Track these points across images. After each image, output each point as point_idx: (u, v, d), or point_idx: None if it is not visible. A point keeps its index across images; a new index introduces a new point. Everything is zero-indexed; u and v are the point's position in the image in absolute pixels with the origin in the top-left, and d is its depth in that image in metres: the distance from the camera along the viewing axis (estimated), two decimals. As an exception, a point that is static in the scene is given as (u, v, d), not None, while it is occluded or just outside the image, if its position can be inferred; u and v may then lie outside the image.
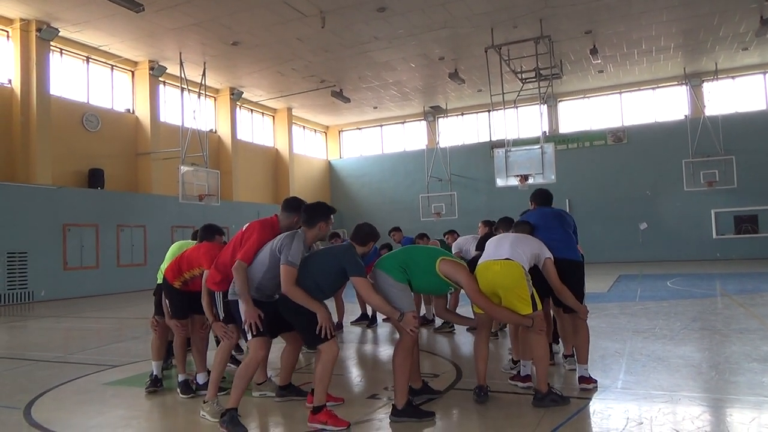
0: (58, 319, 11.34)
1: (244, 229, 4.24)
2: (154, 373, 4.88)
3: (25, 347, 7.95)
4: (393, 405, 3.91)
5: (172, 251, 5.14)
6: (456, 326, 7.53)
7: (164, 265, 5.05)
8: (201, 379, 4.80)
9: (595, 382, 4.48)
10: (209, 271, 4.29)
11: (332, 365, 3.80)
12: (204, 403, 4.10)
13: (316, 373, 3.79)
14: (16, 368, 6.23)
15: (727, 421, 3.76)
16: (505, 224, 5.79)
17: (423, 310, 8.23)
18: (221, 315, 4.23)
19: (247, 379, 3.88)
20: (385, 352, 6.58)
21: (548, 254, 4.39)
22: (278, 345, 4.48)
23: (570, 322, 4.83)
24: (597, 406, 4.05)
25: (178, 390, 4.72)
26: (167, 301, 4.71)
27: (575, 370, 4.76)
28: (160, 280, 5.01)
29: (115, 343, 7.85)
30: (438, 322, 7.81)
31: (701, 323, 7.57)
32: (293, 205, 4.31)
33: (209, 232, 4.92)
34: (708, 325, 7.43)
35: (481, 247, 6.57)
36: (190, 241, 5.29)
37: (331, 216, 4.14)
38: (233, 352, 6.20)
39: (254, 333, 3.85)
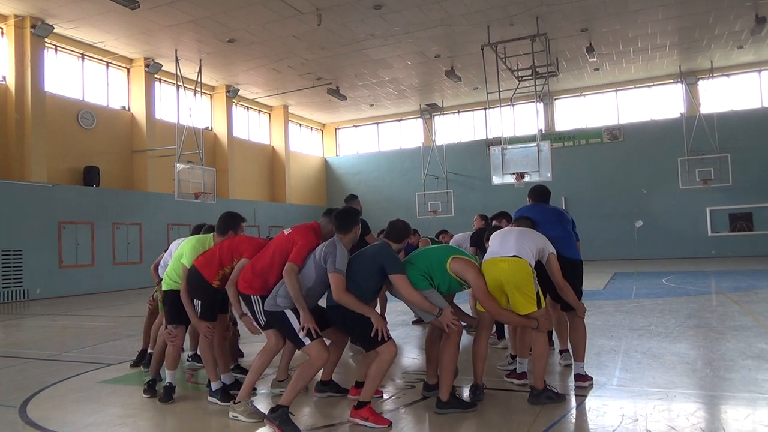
0: (54, 317, 11.31)
1: (286, 233, 4.21)
2: (170, 382, 4.52)
3: (20, 345, 7.92)
4: (438, 398, 4.00)
5: (189, 249, 4.56)
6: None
7: (173, 268, 4.63)
8: (227, 379, 4.60)
9: (591, 379, 4.49)
10: (241, 271, 4.15)
11: (389, 365, 3.83)
12: (235, 403, 4.02)
13: (371, 370, 3.81)
14: (11, 366, 6.21)
15: (722, 417, 3.79)
16: (501, 217, 5.82)
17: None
18: (262, 321, 4.11)
19: (307, 381, 3.86)
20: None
21: (552, 249, 4.40)
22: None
23: (567, 319, 4.83)
24: (593, 403, 4.07)
25: (217, 399, 4.36)
26: (200, 302, 4.33)
27: (571, 365, 4.78)
28: (167, 287, 4.59)
29: (110, 341, 7.84)
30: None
31: (696, 320, 7.61)
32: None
33: (235, 220, 4.61)
34: (703, 322, 7.46)
35: (474, 242, 6.59)
36: (206, 235, 4.76)
37: (359, 218, 4.28)
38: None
39: (312, 338, 3.82)
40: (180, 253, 4.62)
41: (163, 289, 4.68)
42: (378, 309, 5.05)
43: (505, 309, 4.17)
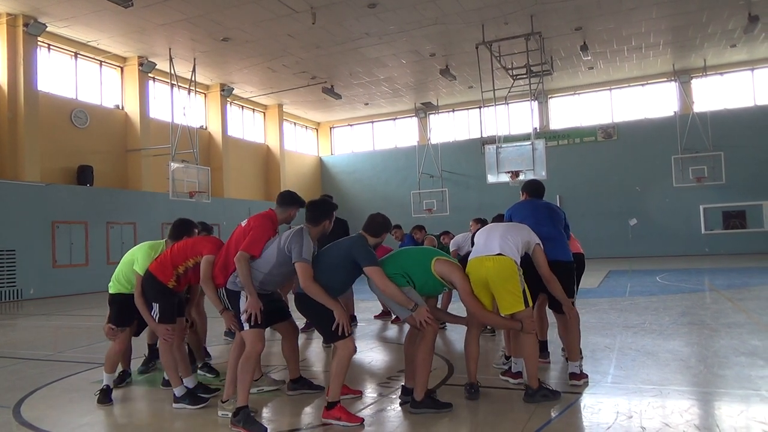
0: (48, 317, 11.26)
1: (243, 224, 4.22)
2: (107, 384, 4.49)
3: (14, 345, 7.88)
4: (412, 397, 3.97)
5: (142, 255, 4.55)
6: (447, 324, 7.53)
7: (122, 272, 4.67)
8: (190, 383, 4.47)
9: (587, 377, 4.50)
10: (212, 271, 4.15)
11: (348, 361, 3.82)
12: (223, 402, 4.04)
13: (332, 368, 3.81)
14: (5, 367, 6.18)
15: (716, 414, 3.81)
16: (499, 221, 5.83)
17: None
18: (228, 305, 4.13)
19: (251, 373, 3.86)
20: (387, 347, 6.60)
21: (537, 240, 4.39)
22: (272, 340, 4.47)
23: (561, 320, 4.81)
24: (587, 401, 4.08)
25: (185, 404, 4.28)
26: (158, 305, 4.34)
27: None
28: (115, 290, 4.66)
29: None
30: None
31: (690, 318, 7.64)
32: (288, 199, 4.38)
33: (189, 226, 4.83)
34: (697, 319, 7.50)
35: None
36: (158, 241, 4.82)
37: (334, 213, 4.23)
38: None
39: (252, 324, 3.83)
40: (131, 259, 4.63)
41: (111, 291, 4.70)
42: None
43: (490, 312, 4.16)
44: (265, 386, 4.62)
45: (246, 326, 3.85)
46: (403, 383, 4.29)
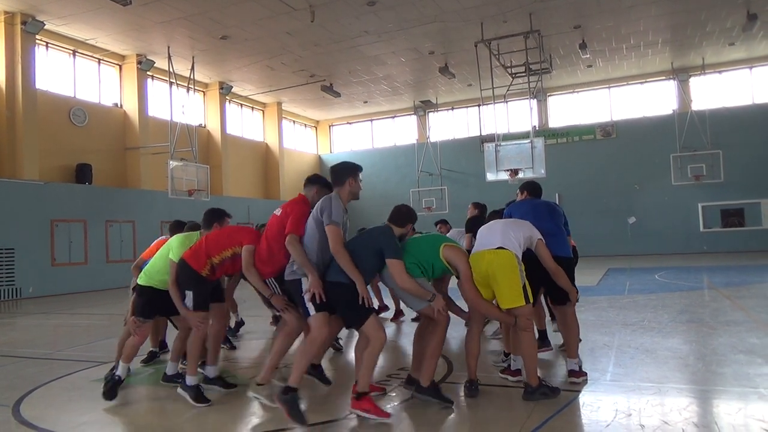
0: (47, 315, 11.26)
1: (278, 213, 4.27)
2: (119, 375, 4.46)
3: (13, 344, 7.87)
4: (418, 383, 4.03)
5: (177, 245, 4.57)
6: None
7: (155, 265, 4.65)
8: (212, 372, 4.61)
9: (585, 375, 4.50)
10: (253, 260, 4.21)
11: (379, 352, 3.83)
12: (258, 385, 4.06)
13: (363, 359, 3.83)
14: (4, 366, 6.17)
15: (714, 411, 3.82)
16: (497, 217, 5.83)
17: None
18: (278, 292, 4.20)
19: (310, 358, 3.91)
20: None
21: (539, 235, 4.41)
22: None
23: (560, 315, 4.84)
24: (586, 399, 4.09)
25: (190, 397, 4.28)
26: (192, 292, 4.34)
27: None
28: (147, 282, 4.61)
29: (104, 339, 7.80)
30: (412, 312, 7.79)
31: (689, 316, 7.65)
32: (311, 179, 4.48)
33: (219, 214, 4.82)
34: (695, 317, 7.51)
35: (469, 228, 6.60)
36: (194, 232, 4.84)
37: (359, 172, 4.18)
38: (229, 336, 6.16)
39: (316, 307, 3.82)
40: (167, 250, 4.63)
41: (140, 283, 4.66)
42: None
43: (486, 301, 4.18)
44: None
45: (312, 311, 3.85)
46: (405, 376, 4.37)
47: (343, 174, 4.11)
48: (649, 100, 24.02)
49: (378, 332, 3.80)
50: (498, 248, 4.15)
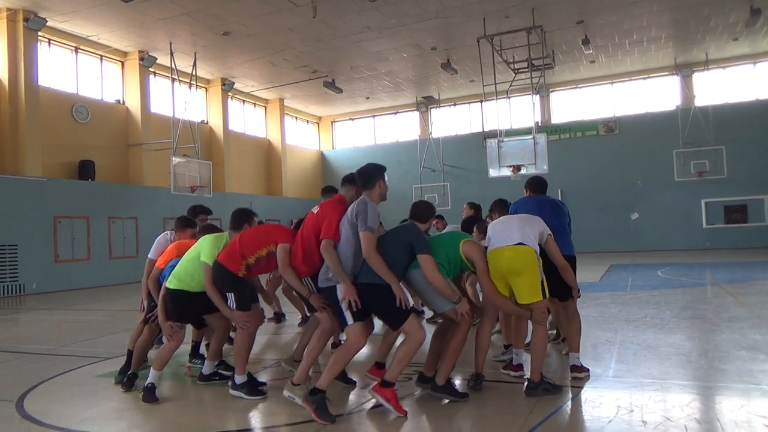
0: (50, 311, 11.30)
1: (315, 211, 4.22)
2: (152, 383, 4.37)
3: (17, 340, 7.91)
4: (433, 381, 4.07)
5: (208, 247, 4.46)
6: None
7: (185, 269, 4.51)
8: (208, 369, 4.73)
9: (587, 371, 4.51)
10: (289, 259, 4.18)
11: (417, 349, 3.85)
12: (294, 385, 4.05)
13: (399, 351, 3.84)
14: (7, 361, 6.20)
15: (716, 408, 3.82)
16: (501, 207, 5.79)
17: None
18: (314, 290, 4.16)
19: (343, 365, 3.92)
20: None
21: (549, 231, 4.45)
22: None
23: (563, 311, 4.85)
24: (588, 395, 4.10)
25: (244, 394, 4.30)
26: (233, 294, 4.34)
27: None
28: (176, 286, 4.47)
29: (107, 335, 7.83)
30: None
31: (691, 312, 7.65)
32: (350, 178, 4.41)
33: (248, 215, 4.76)
34: (698, 313, 7.51)
35: (464, 228, 6.56)
36: (222, 233, 4.70)
37: (385, 172, 4.19)
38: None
39: (355, 316, 3.80)
40: (196, 255, 4.51)
41: (171, 287, 4.49)
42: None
43: (502, 295, 4.21)
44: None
45: (350, 320, 3.83)
46: (413, 376, 4.39)
47: (374, 176, 4.11)
48: (652, 95, 23.93)
49: (418, 331, 3.83)
50: (518, 244, 4.18)
